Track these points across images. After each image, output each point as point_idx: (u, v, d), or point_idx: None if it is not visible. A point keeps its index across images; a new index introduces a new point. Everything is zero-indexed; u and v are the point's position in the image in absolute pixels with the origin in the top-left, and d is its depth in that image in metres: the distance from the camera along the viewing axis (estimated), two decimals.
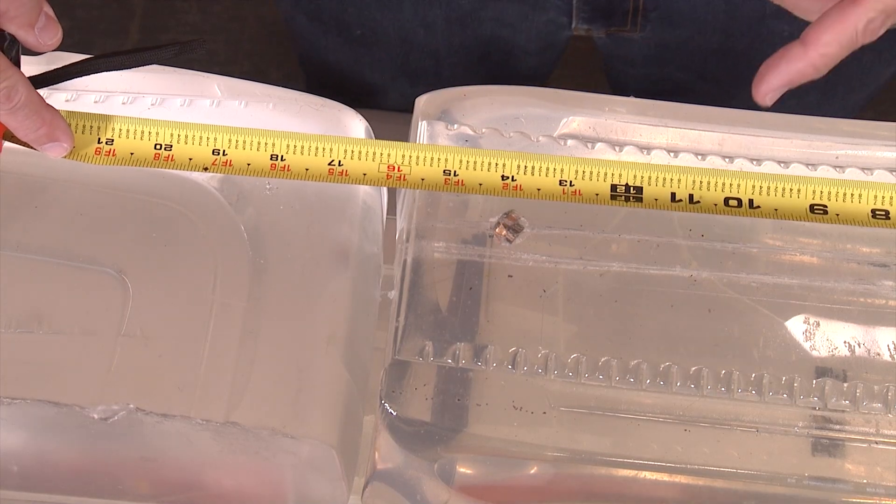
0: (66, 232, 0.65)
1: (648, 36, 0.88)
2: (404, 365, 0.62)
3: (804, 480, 0.60)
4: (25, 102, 0.58)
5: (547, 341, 0.63)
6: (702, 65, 0.90)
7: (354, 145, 0.61)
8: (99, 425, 0.59)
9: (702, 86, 0.93)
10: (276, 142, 0.61)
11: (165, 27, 1.79)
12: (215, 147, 0.61)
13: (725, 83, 0.92)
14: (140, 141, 0.61)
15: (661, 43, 0.89)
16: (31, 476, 0.62)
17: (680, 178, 0.61)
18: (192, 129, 0.61)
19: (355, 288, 0.65)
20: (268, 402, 0.60)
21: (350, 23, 0.91)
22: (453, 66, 0.93)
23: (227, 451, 0.60)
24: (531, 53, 0.93)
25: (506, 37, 0.90)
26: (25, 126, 0.59)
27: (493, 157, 0.61)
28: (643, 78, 0.95)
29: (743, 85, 0.91)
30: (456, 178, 0.61)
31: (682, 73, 0.92)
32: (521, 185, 0.61)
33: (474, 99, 0.70)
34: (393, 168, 0.61)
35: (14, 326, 0.62)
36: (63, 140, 0.60)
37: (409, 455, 0.61)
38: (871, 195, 0.61)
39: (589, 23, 0.88)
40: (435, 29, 0.89)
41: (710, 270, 0.66)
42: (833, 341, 0.64)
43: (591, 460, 0.61)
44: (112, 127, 0.61)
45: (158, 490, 0.62)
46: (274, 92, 0.70)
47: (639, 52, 0.91)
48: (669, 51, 0.90)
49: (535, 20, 0.88)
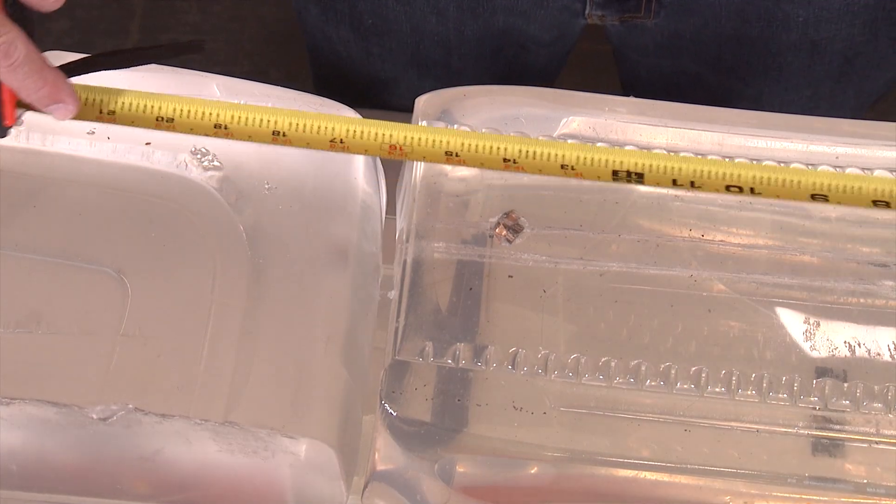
0: (65, 232, 0.65)
1: (662, 24, 0.88)
2: (404, 365, 0.62)
3: (804, 480, 0.60)
4: (25, 60, 0.56)
5: (547, 341, 0.63)
6: (716, 54, 0.90)
7: (357, 125, 0.60)
8: (98, 425, 0.59)
9: (715, 78, 0.92)
10: (278, 119, 0.60)
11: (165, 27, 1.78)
12: (217, 122, 0.59)
13: (740, 72, 0.91)
14: (142, 114, 0.59)
15: (675, 32, 0.88)
16: (30, 476, 0.62)
17: (681, 167, 0.60)
18: (194, 105, 0.59)
19: (354, 288, 0.65)
20: (267, 401, 0.60)
21: (362, 12, 0.90)
22: (463, 57, 0.93)
23: (225, 451, 0.60)
24: (543, 44, 0.92)
25: (518, 27, 0.90)
26: (27, 86, 0.57)
27: (494, 142, 0.60)
28: (655, 69, 0.94)
29: (757, 73, 0.91)
30: (457, 157, 0.60)
31: (696, 65, 0.92)
32: (523, 167, 0.60)
33: (474, 99, 0.70)
34: (394, 148, 0.60)
35: (13, 326, 0.62)
36: (68, 101, 0.58)
37: (409, 455, 0.61)
38: (872, 188, 0.60)
39: (603, 9, 0.88)
40: (447, 16, 0.89)
41: (710, 270, 0.66)
42: (833, 341, 0.64)
43: (591, 460, 0.61)
44: (115, 100, 0.59)
45: (157, 490, 0.62)
46: (273, 92, 0.70)
47: (652, 41, 0.90)
48: (683, 40, 0.89)
49: (549, 7, 0.88)
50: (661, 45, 0.91)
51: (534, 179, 0.68)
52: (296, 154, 0.67)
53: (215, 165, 0.67)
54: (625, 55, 0.96)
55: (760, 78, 0.91)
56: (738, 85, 0.92)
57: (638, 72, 0.97)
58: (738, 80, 0.92)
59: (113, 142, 0.67)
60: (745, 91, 0.93)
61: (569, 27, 0.91)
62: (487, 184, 0.68)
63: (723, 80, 0.93)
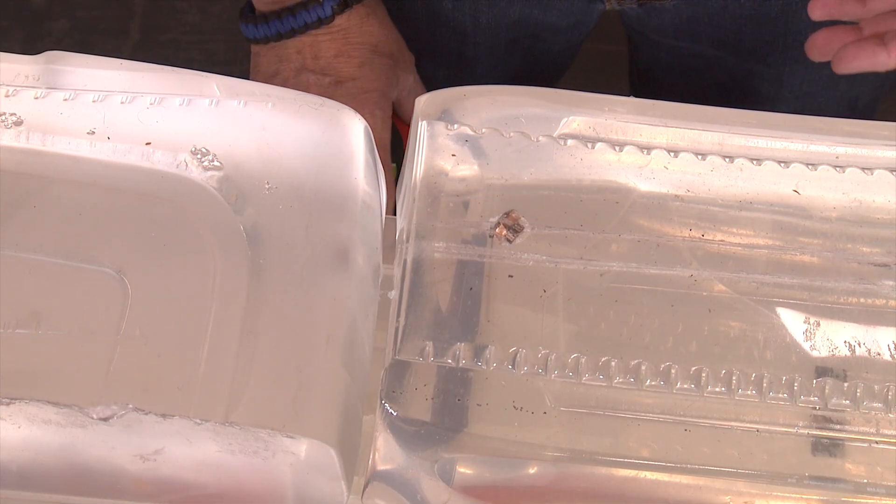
0: (64, 231, 0.65)
1: (681, 6, 0.87)
2: (404, 365, 0.62)
3: (804, 480, 0.60)
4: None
5: (547, 341, 0.63)
6: (735, 35, 0.90)
7: None
8: (98, 425, 0.59)
9: (734, 60, 0.92)
10: None
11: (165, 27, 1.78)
12: None
13: (760, 53, 0.91)
14: None
15: (693, 14, 0.88)
16: (30, 476, 0.62)
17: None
18: None
19: (355, 288, 0.65)
20: (267, 401, 0.60)
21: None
22: (478, 46, 0.93)
23: (226, 451, 0.60)
24: (560, 31, 0.92)
25: (535, 17, 0.90)
26: None
27: None
28: (675, 52, 0.94)
29: (776, 53, 0.90)
30: None
31: (715, 48, 0.91)
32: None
33: (474, 99, 0.70)
34: None
35: (13, 326, 0.62)
36: None
37: (409, 455, 0.61)
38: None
39: None
40: (463, 3, 0.89)
41: (710, 270, 0.66)
42: (833, 341, 0.64)
43: (591, 460, 0.60)
44: None
45: (157, 490, 0.62)
46: (273, 91, 0.70)
47: (671, 23, 0.90)
48: (702, 23, 0.89)
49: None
50: (680, 28, 0.90)
51: (534, 179, 0.68)
52: (296, 154, 0.68)
53: (215, 165, 0.67)
54: (644, 39, 0.96)
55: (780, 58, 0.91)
56: (758, 66, 0.92)
57: (657, 55, 0.96)
58: (759, 62, 0.92)
59: (113, 142, 0.67)
60: (766, 72, 0.92)
61: (587, 14, 0.91)
62: (487, 184, 0.68)
63: (743, 62, 0.92)
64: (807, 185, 0.69)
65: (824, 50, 0.71)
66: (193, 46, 1.77)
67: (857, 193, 0.69)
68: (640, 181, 0.68)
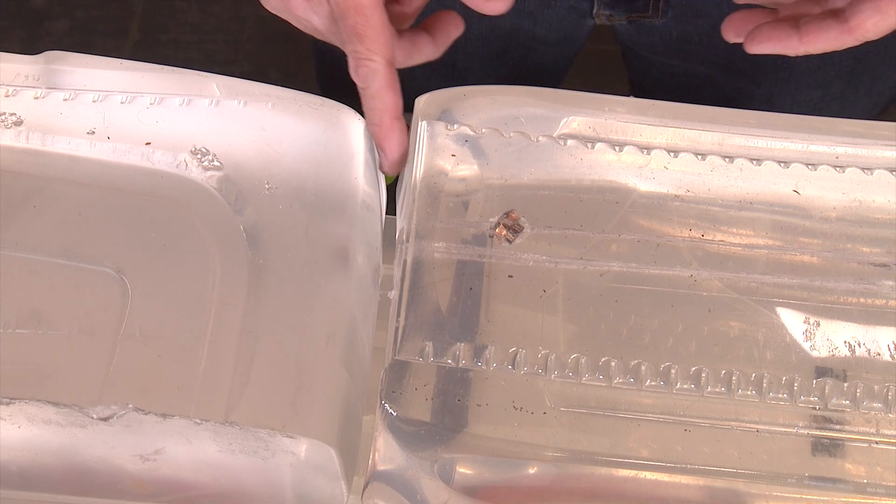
0: (64, 231, 0.65)
1: (671, 24, 0.87)
2: (404, 365, 0.62)
3: (804, 480, 0.60)
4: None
5: (547, 341, 0.63)
6: (726, 55, 0.90)
7: None
8: (98, 425, 0.59)
9: (726, 80, 0.92)
10: None
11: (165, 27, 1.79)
12: None
13: (750, 73, 0.91)
14: None
15: (683, 33, 0.88)
16: (30, 476, 0.62)
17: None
18: None
19: (355, 287, 0.65)
20: (267, 401, 0.60)
21: None
22: (469, 57, 0.93)
23: (226, 451, 0.60)
24: (550, 44, 0.92)
25: (525, 28, 0.90)
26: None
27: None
28: (666, 70, 0.94)
29: (766, 73, 0.90)
30: None
31: (706, 67, 0.91)
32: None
33: (474, 99, 0.70)
34: None
35: (13, 326, 0.62)
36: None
37: (409, 455, 0.61)
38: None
39: (610, 8, 0.88)
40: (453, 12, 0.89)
41: (710, 270, 0.66)
42: (833, 341, 0.64)
43: (591, 460, 0.60)
44: None
45: (157, 490, 0.62)
46: (273, 91, 0.70)
47: (661, 41, 0.90)
48: (692, 42, 0.89)
49: (556, 7, 0.87)
50: (671, 46, 0.91)
51: (534, 179, 0.68)
52: (296, 154, 0.68)
53: (215, 165, 0.67)
54: (635, 56, 0.96)
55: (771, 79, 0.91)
56: (748, 86, 0.92)
57: (649, 72, 0.97)
58: (749, 82, 0.92)
59: (113, 142, 0.67)
60: (756, 92, 0.93)
61: (576, 28, 0.91)
62: (487, 184, 0.68)
63: (734, 82, 0.93)
64: (807, 185, 0.69)
65: (739, 30, 0.71)
66: (193, 46, 1.77)
67: (856, 193, 0.69)
68: (639, 181, 0.68)
